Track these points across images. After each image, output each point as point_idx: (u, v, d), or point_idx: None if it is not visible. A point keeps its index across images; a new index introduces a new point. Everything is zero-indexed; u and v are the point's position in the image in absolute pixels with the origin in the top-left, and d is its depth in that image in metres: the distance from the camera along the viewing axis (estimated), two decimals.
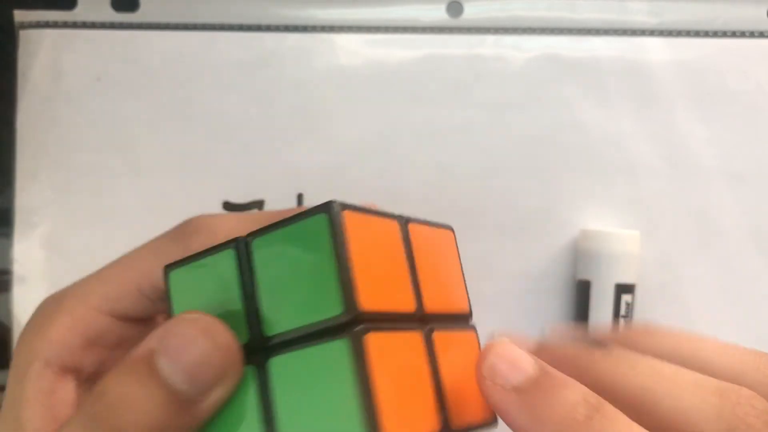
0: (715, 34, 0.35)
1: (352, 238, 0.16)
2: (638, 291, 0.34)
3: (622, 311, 0.32)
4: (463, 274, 0.21)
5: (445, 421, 0.17)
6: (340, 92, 0.35)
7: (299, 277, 0.16)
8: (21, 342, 0.21)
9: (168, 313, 0.18)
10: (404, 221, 0.18)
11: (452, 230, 0.21)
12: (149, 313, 0.22)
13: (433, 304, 0.18)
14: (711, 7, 0.35)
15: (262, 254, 0.17)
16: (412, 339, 0.17)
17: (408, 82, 0.35)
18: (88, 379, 0.21)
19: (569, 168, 0.35)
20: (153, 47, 0.35)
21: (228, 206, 0.35)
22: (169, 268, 0.19)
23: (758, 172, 0.34)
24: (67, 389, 0.21)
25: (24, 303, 0.35)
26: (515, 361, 0.16)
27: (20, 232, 0.35)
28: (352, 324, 0.15)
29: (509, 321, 0.34)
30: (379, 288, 0.16)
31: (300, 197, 0.35)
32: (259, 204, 0.35)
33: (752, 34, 0.35)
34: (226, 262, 0.17)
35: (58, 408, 0.20)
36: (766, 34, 0.35)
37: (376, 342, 0.15)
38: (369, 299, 0.16)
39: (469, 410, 0.18)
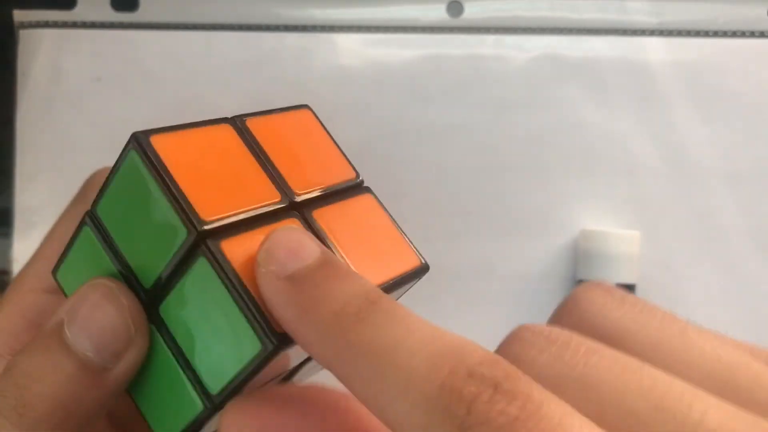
0: (715, 34, 0.35)
1: (171, 158, 0.15)
2: (638, 291, 0.34)
3: None
4: (337, 146, 0.20)
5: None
6: (340, 92, 0.35)
7: (144, 220, 0.16)
8: None
9: None
10: (239, 120, 0.18)
11: (308, 108, 0.20)
12: None
13: (304, 184, 0.18)
14: (711, 7, 0.35)
15: (108, 216, 0.17)
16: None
17: (408, 82, 0.35)
18: None
19: (569, 168, 0.35)
20: (153, 47, 0.35)
21: None
22: (54, 271, 0.19)
23: (758, 172, 0.34)
24: None
25: None
26: (296, 249, 0.14)
27: (20, 232, 0.35)
28: (200, 242, 0.15)
29: (509, 321, 0.34)
30: (222, 192, 0.16)
31: None
32: None
33: (752, 34, 0.35)
34: (88, 240, 0.17)
35: None
36: (766, 34, 0.35)
37: (235, 246, 0.15)
38: (211, 208, 0.15)
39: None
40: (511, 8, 0.35)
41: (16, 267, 0.35)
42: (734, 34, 0.35)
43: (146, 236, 0.16)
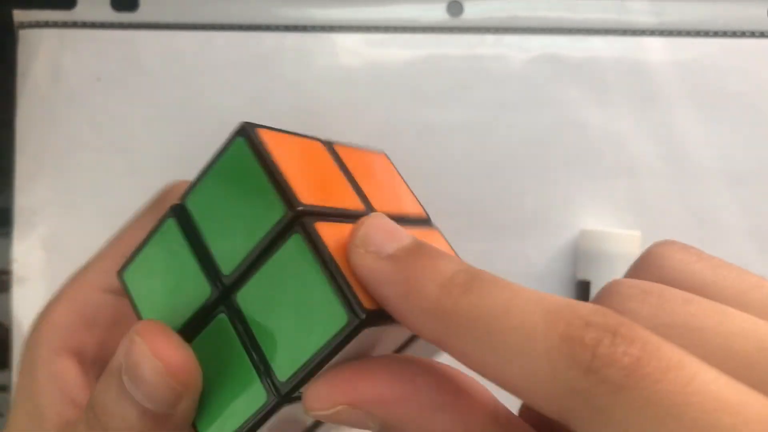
0: (716, 34, 0.35)
1: (274, 149, 0.16)
2: None
3: None
4: (409, 187, 0.21)
5: None
6: (340, 92, 0.35)
7: (238, 207, 0.16)
8: (30, 333, 0.22)
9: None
10: (328, 143, 0.19)
11: (385, 154, 0.21)
12: None
13: (382, 205, 0.18)
14: (711, 7, 0.35)
15: (198, 207, 0.17)
16: None
17: (408, 82, 0.35)
18: (92, 362, 0.22)
19: (569, 168, 0.35)
20: (153, 47, 0.35)
21: None
22: (120, 272, 0.19)
23: (758, 172, 0.34)
24: (76, 371, 0.21)
25: (24, 303, 0.35)
26: (391, 231, 0.15)
27: (20, 232, 0.35)
28: (297, 219, 0.15)
29: None
30: (317, 187, 0.16)
31: None
32: None
33: (752, 34, 0.35)
34: (170, 233, 0.17)
35: (71, 390, 0.21)
36: (766, 34, 0.35)
37: (328, 229, 0.15)
38: (309, 195, 0.16)
39: None
40: (510, 8, 0.35)
41: (16, 267, 0.35)
42: (734, 34, 0.35)
43: (238, 221, 0.16)
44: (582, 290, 0.33)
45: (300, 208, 0.15)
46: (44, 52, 0.35)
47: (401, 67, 0.35)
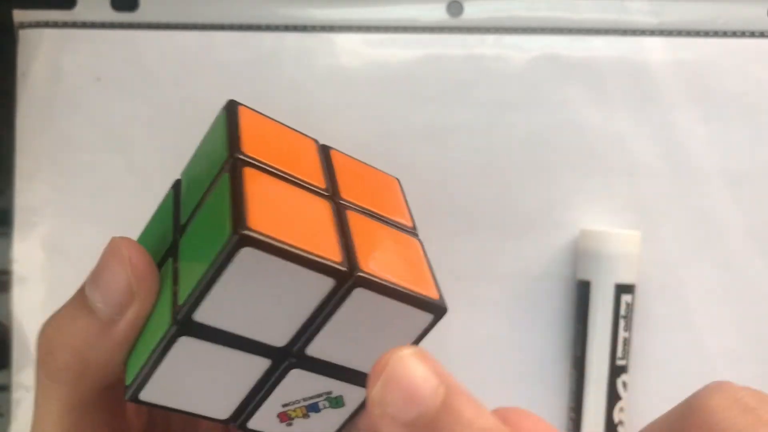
0: (715, 34, 0.35)
1: (248, 119, 0.17)
2: (638, 291, 0.34)
3: (622, 311, 0.33)
4: (408, 206, 0.20)
5: (351, 262, 0.16)
6: (340, 92, 0.35)
7: (203, 163, 0.18)
8: None
9: None
10: (324, 147, 0.19)
11: (397, 180, 0.21)
12: None
13: (352, 196, 0.18)
14: (711, 7, 0.35)
15: (186, 175, 0.19)
16: (307, 197, 0.17)
17: (408, 82, 0.35)
18: None
19: (569, 168, 0.35)
20: (152, 47, 0.35)
21: None
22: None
23: (758, 172, 0.34)
24: None
25: (24, 303, 0.35)
26: (411, 389, 0.13)
27: (20, 232, 0.35)
28: (232, 163, 0.16)
29: (509, 321, 0.34)
30: (272, 153, 0.17)
31: None
32: None
33: (752, 34, 0.35)
34: (167, 202, 0.19)
35: None
36: (766, 34, 0.35)
37: (255, 173, 0.16)
38: (254, 151, 0.17)
39: (396, 274, 0.17)
40: (510, 8, 0.35)
41: (16, 267, 0.35)
42: (734, 34, 0.35)
43: (200, 176, 0.17)
44: (582, 290, 0.33)
45: (238, 155, 0.16)
46: (44, 52, 0.35)
47: (401, 67, 0.35)
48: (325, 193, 0.18)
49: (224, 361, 0.16)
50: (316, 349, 0.17)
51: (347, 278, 0.16)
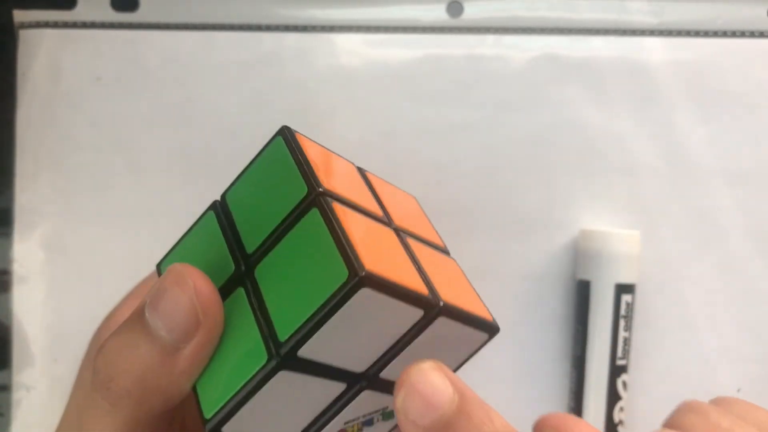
0: (715, 34, 0.35)
1: (308, 148, 0.18)
2: (638, 291, 0.34)
3: (622, 311, 0.33)
4: (433, 227, 0.21)
5: (432, 292, 0.17)
6: (340, 92, 0.35)
7: (267, 195, 0.17)
8: (94, 335, 0.23)
9: None
10: (359, 168, 0.20)
11: (414, 198, 0.22)
12: None
13: (401, 221, 0.19)
14: (711, 7, 0.35)
15: (235, 200, 0.18)
16: (381, 228, 0.18)
17: (408, 82, 0.35)
18: None
19: (569, 168, 0.35)
20: (153, 47, 0.35)
21: None
22: (159, 264, 0.20)
23: (758, 172, 0.34)
24: None
25: (24, 303, 0.35)
26: (429, 397, 0.15)
27: (20, 232, 0.35)
28: (316, 197, 0.16)
29: (509, 321, 0.34)
30: (340, 183, 0.18)
31: None
32: None
33: (752, 34, 0.35)
34: (208, 224, 0.19)
35: None
36: (766, 34, 0.35)
37: (344, 211, 0.16)
38: (330, 183, 0.17)
39: (459, 299, 0.18)
40: (510, 8, 0.35)
41: (16, 267, 0.35)
42: (734, 34, 0.35)
43: (265, 205, 0.17)
44: (582, 290, 0.33)
45: (321, 189, 0.16)
46: (44, 52, 0.35)
47: (401, 67, 0.35)
48: (386, 221, 0.18)
49: (306, 388, 0.17)
50: (389, 371, 0.18)
51: (434, 308, 0.17)
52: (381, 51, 0.35)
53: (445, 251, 0.21)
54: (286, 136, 0.18)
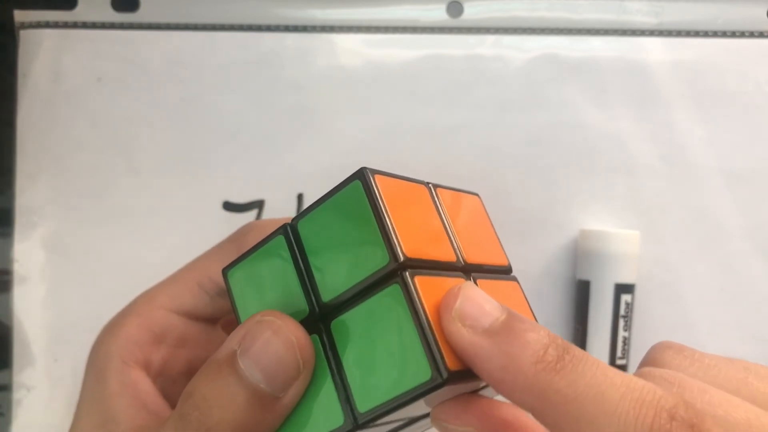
0: (715, 34, 0.35)
1: (386, 196, 0.17)
2: (638, 291, 0.34)
3: (622, 311, 0.33)
4: (495, 233, 0.22)
5: None
6: (340, 92, 0.35)
7: (345, 242, 0.18)
8: (97, 343, 0.23)
9: (234, 314, 0.19)
10: (431, 186, 0.20)
11: (478, 196, 0.23)
12: (210, 312, 0.23)
13: (471, 256, 0.19)
14: (711, 7, 0.35)
15: (308, 232, 0.18)
16: (456, 281, 0.18)
17: (408, 82, 0.35)
18: (155, 376, 0.23)
19: (569, 168, 0.35)
20: (153, 47, 0.35)
21: (228, 206, 0.35)
22: (226, 269, 0.20)
23: (758, 172, 0.34)
24: (147, 381, 0.22)
25: (24, 303, 0.35)
26: (483, 304, 0.16)
27: (20, 232, 0.35)
28: (399, 271, 0.16)
29: None
30: (419, 238, 0.18)
31: (300, 197, 0.35)
32: (259, 204, 0.35)
33: (752, 34, 0.35)
34: (278, 248, 0.19)
35: (144, 398, 0.22)
36: (766, 34, 0.35)
37: (425, 284, 0.17)
38: (411, 248, 0.17)
39: None
40: (510, 8, 0.35)
41: (17, 267, 0.35)
42: (734, 34, 0.35)
43: (343, 255, 0.18)
44: (582, 290, 0.33)
45: (402, 261, 0.17)
46: (44, 53, 0.35)
47: (401, 67, 0.35)
48: (460, 267, 0.19)
49: None
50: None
51: None
52: (381, 51, 0.35)
53: (507, 270, 0.21)
54: (364, 180, 0.17)
